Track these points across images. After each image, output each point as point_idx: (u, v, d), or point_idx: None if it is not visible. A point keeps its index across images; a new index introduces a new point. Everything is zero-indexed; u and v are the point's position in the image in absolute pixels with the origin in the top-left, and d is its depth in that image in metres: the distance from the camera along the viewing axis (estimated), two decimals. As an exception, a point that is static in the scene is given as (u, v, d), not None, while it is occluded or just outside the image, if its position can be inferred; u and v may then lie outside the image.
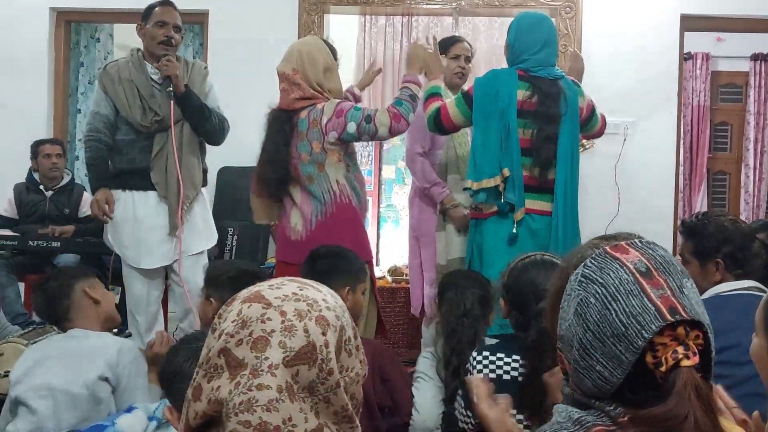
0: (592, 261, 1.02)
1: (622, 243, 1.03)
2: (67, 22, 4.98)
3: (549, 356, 1.69)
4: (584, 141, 4.17)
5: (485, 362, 1.92)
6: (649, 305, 0.95)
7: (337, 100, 2.86)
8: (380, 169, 4.74)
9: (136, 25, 3.35)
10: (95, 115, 3.25)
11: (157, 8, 3.29)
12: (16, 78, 4.77)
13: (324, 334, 0.91)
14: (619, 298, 0.97)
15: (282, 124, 2.85)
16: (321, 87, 2.85)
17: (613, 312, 0.96)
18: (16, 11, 4.77)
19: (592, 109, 3.14)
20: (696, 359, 0.94)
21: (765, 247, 2.25)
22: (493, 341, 2.10)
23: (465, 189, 3.00)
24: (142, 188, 3.23)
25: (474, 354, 1.94)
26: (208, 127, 3.29)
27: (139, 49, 3.34)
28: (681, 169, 6.36)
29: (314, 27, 4.65)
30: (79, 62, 5.51)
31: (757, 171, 6.74)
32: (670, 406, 0.91)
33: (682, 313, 0.95)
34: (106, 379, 2.21)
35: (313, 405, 0.90)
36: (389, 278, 4.32)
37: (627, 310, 0.96)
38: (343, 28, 5.07)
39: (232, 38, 4.68)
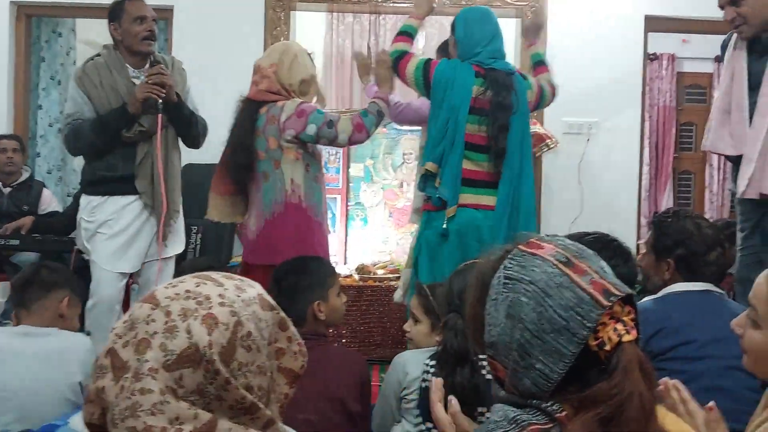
0: (511, 261, 1.02)
1: (533, 239, 1.04)
2: (28, 17, 4.87)
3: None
4: (548, 141, 4.20)
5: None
6: (584, 295, 0.96)
7: (300, 100, 2.87)
8: (348, 167, 4.70)
9: (108, 25, 3.11)
10: (75, 117, 3.03)
11: (127, 3, 3.08)
12: (-25, 73, 4.68)
13: (209, 334, 0.87)
14: (552, 293, 0.97)
15: (250, 113, 2.89)
16: (288, 89, 2.88)
17: (549, 308, 0.96)
18: (-26, 5, 4.67)
19: (540, 91, 3.14)
20: (635, 333, 0.96)
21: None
22: None
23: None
24: (122, 193, 3.07)
25: (427, 360, 1.92)
26: (194, 133, 3.21)
27: (115, 47, 3.11)
28: (647, 168, 6.43)
29: (281, 24, 4.62)
30: (40, 57, 5.40)
31: (721, 171, 6.82)
32: (616, 380, 0.92)
33: (615, 292, 0.97)
34: (79, 384, 2.09)
35: (205, 404, 0.87)
36: (356, 276, 4.29)
37: (563, 303, 0.96)
38: (310, 26, 5.04)
39: (198, 34, 4.62)
